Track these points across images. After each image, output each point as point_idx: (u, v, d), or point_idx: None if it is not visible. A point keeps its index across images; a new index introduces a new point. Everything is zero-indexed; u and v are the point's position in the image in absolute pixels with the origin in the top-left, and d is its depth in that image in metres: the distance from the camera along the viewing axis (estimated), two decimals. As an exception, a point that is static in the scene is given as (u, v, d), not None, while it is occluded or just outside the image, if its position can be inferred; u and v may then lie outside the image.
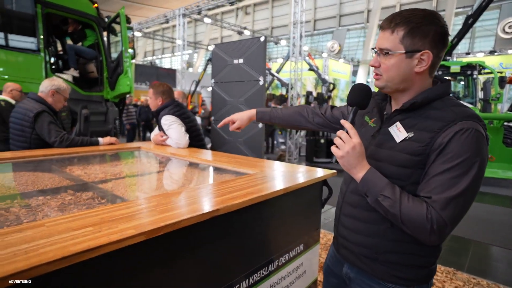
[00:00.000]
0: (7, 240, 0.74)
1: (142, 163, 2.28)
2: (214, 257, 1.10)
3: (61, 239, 0.76)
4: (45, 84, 2.53)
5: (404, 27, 0.91)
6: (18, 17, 4.96)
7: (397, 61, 0.93)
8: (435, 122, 0.91)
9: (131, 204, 1.05)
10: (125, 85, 5.59)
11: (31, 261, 0.65)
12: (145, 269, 0.88)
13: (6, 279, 0.61)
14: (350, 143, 0.94)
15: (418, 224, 0.87)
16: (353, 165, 0.96)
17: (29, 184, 1.57)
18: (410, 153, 0.93)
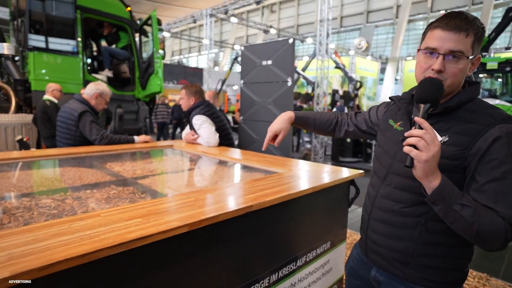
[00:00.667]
0: (73, 227, 0.86)
1: (175, 161, 2.41)
2: (245, 250, 1.18)
3: (116, 228, 0.87)
4: (90, 87, 2.71)
5: (475, 32, 0.90)
6: (60, 22, 5.29)
7: (465, 65, 0.91)
8: (472, 126, 0.90)
9: (172, 199, 1.15)
10: (155, 84, 5.82)
11: (95, 245, 0.76)
12: (185, 258, 0.98)
13: (77, 258, 0.71)
14: (436, 146, 0.83)
15: (496, 235, 0.84)
16: (433, 171, 0.85)
17: (76, 179, 1.73)
18: (447, 157, 0.91)
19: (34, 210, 1.22)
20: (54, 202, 1.31)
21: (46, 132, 4.28)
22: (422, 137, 0.83)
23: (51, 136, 4.30)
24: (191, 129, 2.73)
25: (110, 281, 0.81)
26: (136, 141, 2.60)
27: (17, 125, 4.90)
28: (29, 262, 0.67)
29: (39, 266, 0.66)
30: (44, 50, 5.10)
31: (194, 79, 21.74)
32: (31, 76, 5.04)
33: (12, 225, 1.06)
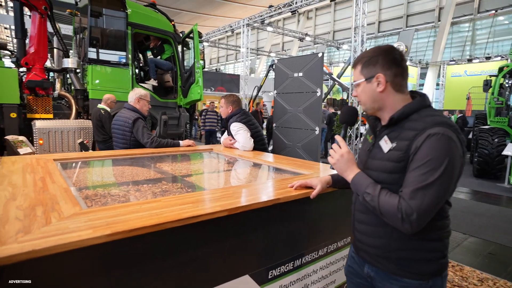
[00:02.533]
0: (143, 207, 1.15)
1: (214, 162, 2.70)
2: (272, 236, 1.41)
3: (174, 210, 1.14)
4: (131, 95, 3.11)
5: (360, 63, 1.19)
6: (114, 37, 5.90)
7: (362, 87, 1.19)
8: (411, 132, 1.08)
9: (214, 191, 1.42)
10: (196, 93, 6.25)
11: (160, 220, 1.04)
12: (224, 237, 1.24)
13: (150, 227, 0.99)
14: (339, 152, 1.22)
15: (391, 213, 1.04)
16: (344, 169, 1.22)
17: (134, 175, 2.07)
18: (394, 161, 1.10)
19: (107, 197, 1.55)
20: (121, 192, 1.64)
21: (99, 137, 4.83)
22: (333, 148, 1.24)
23: (104, 140, 4.84)
24: (228, 135, 3.02)
25: (169, 247, 1.09)
26: (181, 145, 2.94)
27: (77, 129, 5.53)
28: (120, 226, 0.96)
29: (127, 229, 0.95)
30: (100, 62, 5.73)
31: (230, 86, 22.40)
32: (89, 86, 5.68)
33: (94, 207, 1.39)
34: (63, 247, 0.85)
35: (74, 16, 7.00)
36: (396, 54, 1.15)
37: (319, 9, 27.34)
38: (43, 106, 5.63)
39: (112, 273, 0.97)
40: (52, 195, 1.28)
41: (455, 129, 1.06)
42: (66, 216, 1.04)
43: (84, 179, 1.90)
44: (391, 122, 1.14)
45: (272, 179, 1.93)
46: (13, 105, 5.11)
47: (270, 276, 1.45)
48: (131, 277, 1.00)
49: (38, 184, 1.46)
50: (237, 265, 1.32)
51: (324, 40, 22.61)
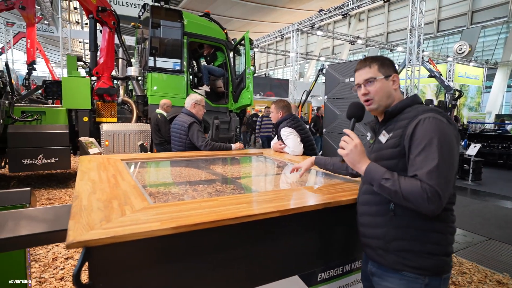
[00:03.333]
0: (202, 205, 1.25)
1: (265, 166, 2.78)
2: (322, 238, 1.44)
3: (230, 208, 1.23)
4: (187, 101, 3.32)
5: (375, 62, 1.29)
6: (171, 46, 6.31)
7: (380, 83, 1.28)
8: (404, 121, 1.20)
9: (266, 193, 1.49)
10: (246, 98, 6.43)
11: (219, 217, 1.13)
12: (275, 237, 1.29)
13: (209, 223, 1.09)
14: (352, 143, 1.25)
15: (417, 195, 1.06)
16: (357, 161, 1.24)
17: (191, 176, 2.22)
18: (391, 147, 1.21)
19: (169, 195, 1.70)
20: (180, 191, 1.78)
21: (157, 140, 5.19)
22: (343, 139, 1.28)
23: (160, 143, 5.19)
24: (278, 139, 3.09)
25: (225, 242, 1.17)
26: (232, 149, 3.07)
27: (137, 132, 6.01)
28: (183, 220, 1.07)
29: (190, 224, 1.05)
30: (159, 70, 6.17)
31: (279, 91, 22.55)
32: (149, 92, 6.14)
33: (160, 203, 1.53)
34: (137, 235, 0.97)
35: (136, 28, 7.62)
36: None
37: (372, 10, 26.43)
38: (109, 111, 6.21)
39: (174, 261, 1.08)
40: (124, 191, 1.44)
41: (444, 114, 1.17)
42: (137, 210, 1.17)
43: (147, 178, 2.09)
44: (387, 115, 1.28)
45: (321, 184, 1.95)
46: (85, 110, 5.71)
47: (319, 278, 1.47)
48: (190, 267, 1.11)
49: (111, 180, 1.65)
50: (287, 265, 1.37)
51: (376, 43, 21.77)
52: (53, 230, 1.42)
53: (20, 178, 6.25)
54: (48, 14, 13.08)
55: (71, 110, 5.81)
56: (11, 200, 1.82)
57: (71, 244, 0.89)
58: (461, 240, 3.93)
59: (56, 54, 30.56)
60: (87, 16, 6.25)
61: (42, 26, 15.13)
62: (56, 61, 29.38)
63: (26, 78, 10.79)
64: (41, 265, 2.92)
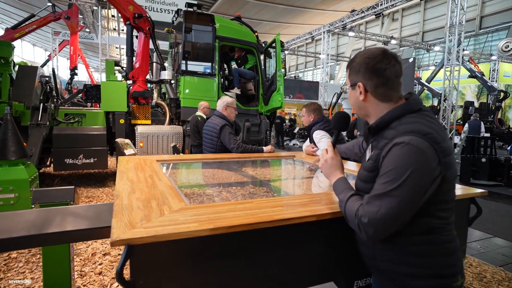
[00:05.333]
0: (238, 207, 1.25)
1: (297, 169, 2.75)
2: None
3: (266, 211, 1.22)
4: (219, 103, 3.36)
5: (348, 68, 1.18)
6: (204, 49, 6.44)
7: (350, 93, 1.19)
8: (383, 141, 1.05)
9: (301, 197, 1.46)
10: (277, 100, 6.42)
11: (256, 219, 1.12)
12: (312, 241, 1.27)
13: (247, 225, 1.08)
14: (325, 157, 1.27)
15: (351, 219, 1.04)
16: (328, 174, 1.26)
17: (224, 178, 2.24)
18: (367, 170, 1.10)
19: (203, 196, 1.72)
20: (214, 193, 1.80)
21: (194, 141, 5.30)
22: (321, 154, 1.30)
23: (198, 144, 5.28)
24: (311, 142, 3.05)
25: (261, 245, 1.16)
26: (264, 151, 3.07)
27: (170, 134, 6.18)
28: (220, 222, 1.07)
29: (227, 225, 1.06)
30: (191, 73, 6.31)
31: (309, 93, 22.33)
32: (181, 95, 6.30)
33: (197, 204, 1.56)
34: (176, 235, 0.99)
35: (170, 33, 7.86)
36: (380, 63, 1.09)
37: (406, 9, 25.52)
38: (144, 113, 6.45)
39: (210, 262, 1.08)
40: (161, 191, 1.48)
41: (430, 137, 0.98)
42: (175, 210, 1.20)
43: (182, 178, 2.14)
44: (370, 131, 1.15)
45: (357, 188, 1.89)
46: (122, 112, 5.97)
47: (355, 286, 1.42)
48: (225, 268, 1.11)
49: (148, 181, 1.70)
50: (324, 271, 1.33)
51: (411, 42, 20.96)
52: (94, 227, 1.49)
53: (63, 177, 6.64)
54: (89, 22, 13.86)
55: (109, 112, 6.10)
56: (57, 197, 1.93)
57: (115, 241, 0.92)
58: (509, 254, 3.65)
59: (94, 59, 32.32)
60: (124, 22, 6.54)
61: (84, 34, 16.07)
62: (94, 66, 31.07)
63: (69, 83, 11.51)
64: (82, 259, 3.07)
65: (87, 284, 2.68)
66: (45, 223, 1.51)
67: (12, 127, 3.47)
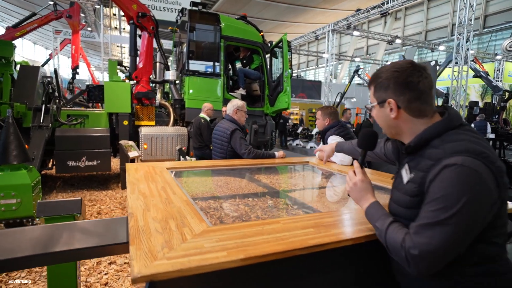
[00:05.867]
0: (266, 230, 1.14)
1: (314, 177, 2.64)
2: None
3: (297, 234, 1.10)
4: (229, 107, 3.23)
5: (373, 84, 1.08)
6: (209, 49, 6.31)
7: (376, 111, 1.09)
8: (428, 162, 0.95)
9: (331, 214, 1.34)
10: (283, 102, 6.30)
11: (288, 246, 1.01)
12: (348, 265, 1.15)
13: (280, 253, 0.97)
14: (353, 180, 1.16)
15: (396, 251, 0.92)
16: (358, 199, 1.15)
17: (238, 188, 2.12)
18: (409, 195, 1.00)
19: (221, 211, 1.61)
20: (232, 206, 1.69)
21: (197, 144, 5.19)
22: (348, 175, 1.20)
23: (200, 147, 5.18)
24: (324, 147, 2.93)
25: (292, 274, 1.05)
26: (276, 157, 2.95)
27: (174, 136, 6.07)
28: (251, 250, 0.96)
29: (259, 255, 0.94)
30: (196, 74, 6.19)
31: (312, 93, 22.20)
32: (186, 96, 6.18)
33: (211, 221, 1.44)
34: (204, 268, 0.87)
35: (174, 32, 7.74)
36: (411, 75, 0.99)
37: (409, 8, 25.31)
38: (148, 114, 6.33)
39: (240, 295, 0.97)
40: (178, 208, 1.37)
41: (484, 156, 0.88)
42: (197, 233, 1.08)
43: (195, 189, 2.02)
44: (407, 150, 1.04)
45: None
46: (125, 114, 5.85)
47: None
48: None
49: (162, 194, 1.59)
50: (356, 297, 1.22)
51: (415, 42, 20.79)
52: (104, 245, 1.39)
53: (65, 179, 6.53)
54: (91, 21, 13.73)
55: (112, 113, 5.98)
56: (64, 209, 1.82)
57: (137, 278, 0.80)
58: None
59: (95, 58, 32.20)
60: (128, 21, 6.42)
61: (85, 32, 15.94)
62: (96, 64, 30.94)
63: (70, 82, 11.39)
64: (87, 268, 2.96)
65: (93, 296, 2.58)
66: (51, 240, 1.40)
67: (14, 130, 3.36)
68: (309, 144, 15.08)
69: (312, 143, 14.90)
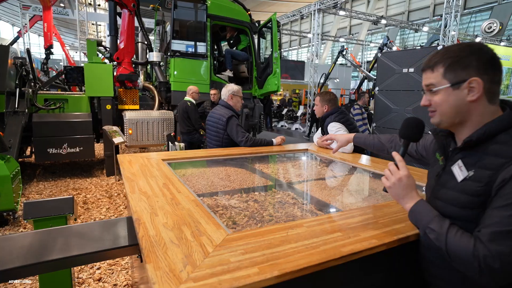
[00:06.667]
0: (290, 235, 1.04)
1: (316, 166, 2.56)
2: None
3: (327, 240, 1.01)
4: (223, 92, 3.07)
5: (441, 63, 0.94)
6: (194, 29, 6.01)
7: (442, 95, 0.95)
8: (496, 159, 0.86)
9: (353, 213, 1.26)
10: (273, 84, 6.14)
11: (322, 257, 0.92)
12: (380, 271, 1.08)
13: (315, 266, 0.88)
14: (397, 175, 1.02)
15: (465, 260, 0.83)
16: (400, 196, 1.03)
17: (240, 180, 2.02)
18: (470, 194, 0.90)
19: (230, 209, 1.50)
20: (241, 204, 1.58)
21: (184, 128, 5.00)
22: (389, 169, 1.05)
23: (188, 132, 5.00)
24: (323, 134, 2.84)
25: (325, 283, 0.97)
26: (274, 144, 2.85)
27: (160, 120, 5.84)
28: (283, 264, 0.86)
29: (294, 270, 0.85)
30: (181, 55, 5.90)
31: (295, 73, 21.98)
32: (171, 78, 5.92)
33: (223, 221, 1.34)
34: (237, 290, 0.77)
35: (156, 10, 7.32)
36: (494, 53, 0.91)
37: (393, -13, 25.11)
38: (131, 97, 6.04)
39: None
40: (188, 210, 1.25)
41: None
42: (218, 244, 0.97)
43: (197, 183, 1.91)
44: (468, 144, 0.93)
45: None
46: (108, 98, 5.55)
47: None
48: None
49: (165, 193, 1.46)
50: (383, 301, 1.17)
51: (397, 22, 20.75)
52: (103, 250, 1.27)
53: (45, 166, 6.22)
54: (63, -4, 12.81)
55: (93, 97, 5.66)
56: (54, 209, 1.67)
57: (164, 309, 0.69)
58: None
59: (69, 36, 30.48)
60: (106, -2, 5.98)
61: (57, 9, 14.91)
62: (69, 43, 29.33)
63: (44, 63, 10.71)
64: (77, 264, 2.82)
65: (86, 294, 2.46)
66: (44, 248, 1.27)
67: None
68: (294, 126, 15.07)
69: (297, 125, 14.88)
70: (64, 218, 1.67)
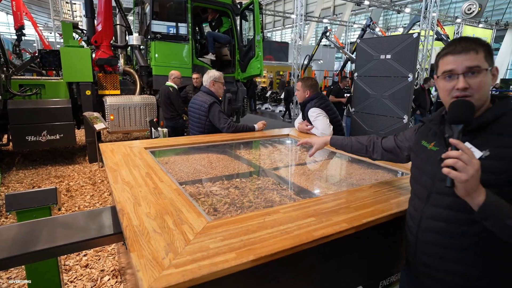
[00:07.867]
0: (267, 221, 1.11)
1: (295, 151, 2.63)
2: (386, 249, 1.33)
3: (301, 225, 1.09)
4: (205, 78, 3.06)
5: (484, 48, 0.99)
6: (174, 10, 5.84)
7: (486, 77, 0.99)
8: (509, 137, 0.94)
9: (326, 199, 1.34)
10: (256, 68, 6.12)
11: (295, 241, 0.99)
12: (344, 252, 1.18)
13: (288, 250, 0.96)
14: (475, 165, 0.85)
15: None
16: (475, 189, 0.87)
17: (222, 167, 2.07)
18: (493, 172, 0.92)
19: (211, 197, 1.56)
20: (222, 190, 1.64)
21: (167, 114, 4.97)
22: (459, 158, 0.85)
23: (172, 117, 4.98)
24: (304, 119, 2.91)
25: (296, 265, 1.05)
26: (256, 129, 2.90)
27: (142, 105, 5.76)
28: (259, 249, 0.93)
29: (269, 254, 0.92)
30: (162, 38, 5.77)
31: (279, 55, 21.81)
32: (152, 62, 5.80)
33: (204, 209, 1.40)
34: (216, 274, 0.84)
35: (134, -10, 7.06)
36: None
37: (377, -34, 24.85)
38: (112, 82, 5.91)
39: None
40: (170, 199, 1.30)
41: None
42: (199, 231, 1.04)
43: (179, 171, 1.94)
44: (481, 125, 0.99)
45: (374, 183, 1.81)
46: (87, 83, 5.41)
47: (380, 286, 1.40)
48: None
49: (148, 183, 1.50)
50: (352, 277, 1.28)
51: (380, 3, 20.71)
52: (89, 239, 1.31)
53: (25, 154, 6.08)
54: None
55: (72, 83, 5.51)
56: (37, 201, 1.68)
57: (148, 294, 0.75)
58: None
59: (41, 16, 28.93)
60: (80, -23, 5.72)
61: (28, -13, 14.09)
62: (43, 23, 27.89)
63: (16, 45, 10.20)
64: (63, 251, 2.85)
65: (74, 280, 2.51)
66: (30, 239, 1.29)
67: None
68: (278, 108, 15.12)
69: (281, 107, 14.93)
70: (48, 209, 1.69)
